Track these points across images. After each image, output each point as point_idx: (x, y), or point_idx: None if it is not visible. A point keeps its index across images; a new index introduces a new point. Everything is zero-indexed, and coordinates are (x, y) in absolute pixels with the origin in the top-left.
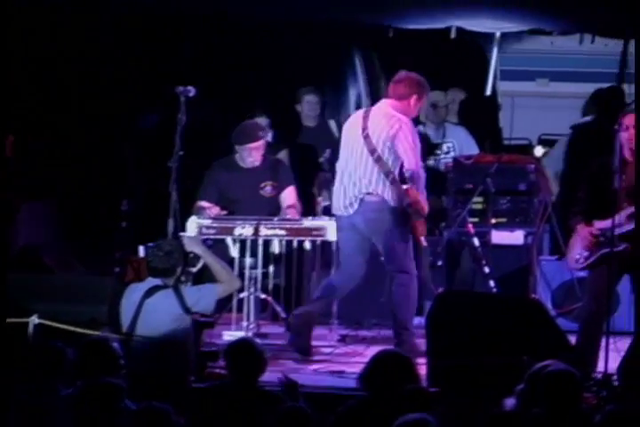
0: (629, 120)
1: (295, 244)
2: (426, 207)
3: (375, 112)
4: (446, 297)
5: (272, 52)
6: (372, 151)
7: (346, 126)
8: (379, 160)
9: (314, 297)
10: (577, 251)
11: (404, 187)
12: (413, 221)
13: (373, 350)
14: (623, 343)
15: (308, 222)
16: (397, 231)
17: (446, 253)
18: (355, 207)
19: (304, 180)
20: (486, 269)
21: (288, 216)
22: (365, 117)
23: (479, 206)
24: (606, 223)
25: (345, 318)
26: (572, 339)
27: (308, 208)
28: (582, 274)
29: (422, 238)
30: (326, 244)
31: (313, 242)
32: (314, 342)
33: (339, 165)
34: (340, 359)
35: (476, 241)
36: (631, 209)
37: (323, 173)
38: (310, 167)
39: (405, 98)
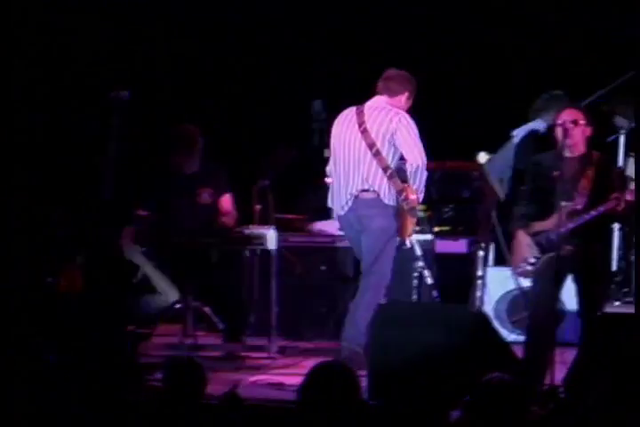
0: (565, 115)
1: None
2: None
3: (370, 107)
4: (388, 307)
5: (209, 55)
6: (371, 145)
7: (337, 126)
8: (377, 154)
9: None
10: (521, 257)
11: (402, 184)
12: (404, 220)
13: (313, 362)
14: (570, 355)
15: (247, 231)
16: (386, 231)
17: None
18: (349, 205)
19: (242, 186)
20: (429, 280)
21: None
22: (360, 113)
23: (422, 214)
24: (547, 224)
25: (284, 329)
26: (518, 350)
27: (246, 216)
28: (527, 284)
29: (407, 240)
30: (265, 252)
31: (252, 251)
32: (251, 354)
33: (333, 168)
34: (279, 371)
35: (419, 250)
36: (569, 206)
37: (261, 181)
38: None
39: (397, 94)
